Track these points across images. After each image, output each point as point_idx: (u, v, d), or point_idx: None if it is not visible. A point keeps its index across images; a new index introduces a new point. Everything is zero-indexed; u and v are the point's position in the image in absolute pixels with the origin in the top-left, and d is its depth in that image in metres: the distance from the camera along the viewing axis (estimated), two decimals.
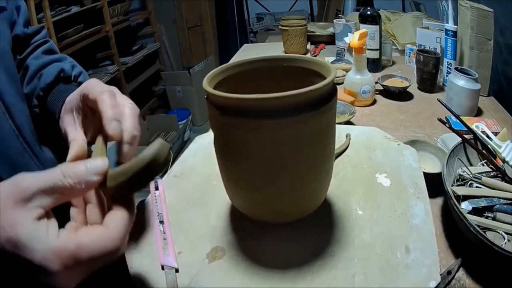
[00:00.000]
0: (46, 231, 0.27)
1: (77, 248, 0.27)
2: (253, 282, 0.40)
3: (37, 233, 0.27)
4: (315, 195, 0.45)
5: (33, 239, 0.26)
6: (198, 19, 3.27)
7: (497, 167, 0.60)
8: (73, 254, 0.27)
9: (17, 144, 0.45)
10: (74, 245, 0.27)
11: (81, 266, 0.28)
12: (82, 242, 0.28)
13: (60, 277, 0.27)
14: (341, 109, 0.91)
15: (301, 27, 1.45)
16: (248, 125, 0.37)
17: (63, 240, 0.27)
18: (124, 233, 0.30)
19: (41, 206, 0.28)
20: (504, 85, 1.09)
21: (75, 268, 0.27)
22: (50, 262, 0.26)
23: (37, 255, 0.26)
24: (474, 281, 0.47)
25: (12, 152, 0.44)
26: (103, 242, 0.28)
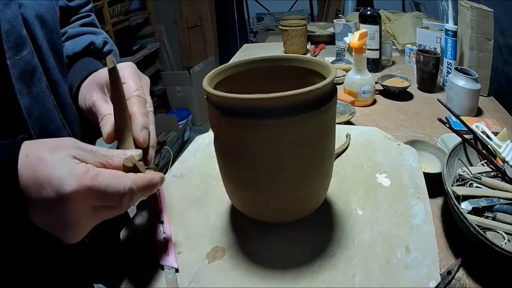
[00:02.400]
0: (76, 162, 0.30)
1: (97, 174, 0.30)
2: (253, 282, 0.40)
3: (68, 160, 0.30)
4: (315, 195, 0.45)
5: (63, 160, 0.30)
6: (198, 19, 3.27)
7: (497, 167, 0.60)
8: (92, 177, 0.30)
9: (57, 120, 0.46)
10: (95, 172, 0.30)
11: (95, 196, 0.30)
12: (103, 172, 0.31)
13: (76, 200, 0.29)
14: (341, 109, 0.91)
15: (301, 27, 1.45)
16: (248, 125, 0.37)
17: (88, 167, 0.30)
18: (143, 183, 0.33)
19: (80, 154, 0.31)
20: (504, 85, 1.09)
21: (91, 196, 0.30)
22: (71, 179, 0.29)
23: (60, 171, 0.29)
24: (474, 281, 0.47)
25: (52, 127, 0.45)
26: (121, 179, 0.31)
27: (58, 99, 0.46)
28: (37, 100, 0.42)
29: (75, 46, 0.52)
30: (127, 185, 0.31)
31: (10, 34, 0.38)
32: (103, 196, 0.31)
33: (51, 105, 0.44)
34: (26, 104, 0.40)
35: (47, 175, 0.28)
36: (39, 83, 0.42)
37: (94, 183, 0.30)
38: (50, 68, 0.45)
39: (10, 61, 0.38)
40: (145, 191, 0.34)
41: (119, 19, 2.65)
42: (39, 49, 0.43)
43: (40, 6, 0.44)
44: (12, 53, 0.39)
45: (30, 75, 0.41)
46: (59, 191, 0.28)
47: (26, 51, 0.40)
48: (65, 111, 0.47)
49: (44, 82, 0.43)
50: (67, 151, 0.30)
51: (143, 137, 0.39)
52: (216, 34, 3.37)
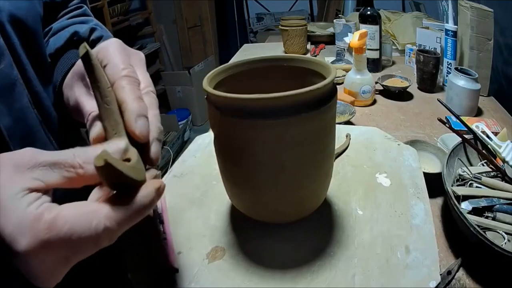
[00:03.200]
0: (29, 202, 0.23)
1: (55, 218, 0.23)
2: (253, 282, 0.40)
3: (19, 201, 0.23)
4: (315, 195, 0.45)
5: (14, 203, 0.23)
6: (198, 19, 3.27)
7: (497, 167, 0.60)
8: (49, 224, 0.22)
9: (43, 136, 0.40)
10: (53, 215, 0.23)
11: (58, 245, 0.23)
12: (64, 213, 0.23)
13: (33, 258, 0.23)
14: (341, 109, 0.91)
15: (301, 27, 1.45)
16: (248, 125, 0.37)
17: (43, 209, 0.23)
18: (122, 217, 0.24)
19: (40, 179, 0.24)
20: (504, 85, 1.09)
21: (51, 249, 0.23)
22: (21, 234, 0.22)
23: (9, 223, 0.22)
24: (474, 281, 0.47)
25: (38, 145, 0.38)
26: (89, 217, 0.23)
27: (42, 113, 0.40)
28: (19, 118, 0.37)
29: (57, 40, 0.45)
30: (99, 226, 0.23)
31: None
32: (68, 246, 0.23)
33: (35, 121, 0.39)
34: (7, 124, 0.35)
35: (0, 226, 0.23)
36: (20, 98, 0.37)
37: (51, 234, 0.22)
38: (31, 79, 0.39)
39: None
40: (132, 222, 0.25)
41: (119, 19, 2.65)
42: (18, 58, 0.37)
43: (18, 9, 0.38)
44: None
45: (10, 90, 0.36)
46: (11, 248, 0.22)
47: (4, 63, 0.35)
48: (50, 125, 0.42)
49: (26, 95, 0.38)
50: (21, 182, 0.24)
51: (139, 128, 0.29)
52: (216, 34, 3.37)
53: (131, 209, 0.24)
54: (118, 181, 0.24)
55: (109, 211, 0.24)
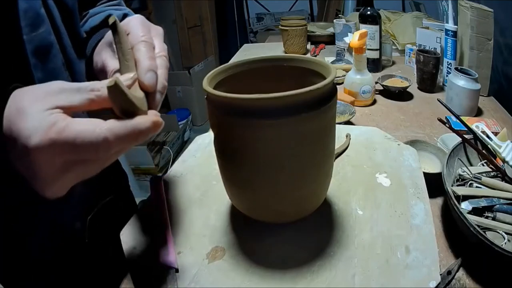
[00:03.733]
0: (50, 113, 0.28)
1: (66, 124, 0.27)
2: (253, 282, 0.40)
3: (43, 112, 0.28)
4: (315, 195, 0.45)
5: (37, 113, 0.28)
6: (198, 19, 3.26)
7: (497, 167, 0.60)
8: (59, 129, 0.27)
9: None
10: (65, 123, 0.28)
11: (61, 149, 0.28)
12: (74, 121, 0.28)
13: (40, 154, 0.27)
14: (341, 109, 0.91)
15: (301, 27, 1.45)
16: (248, 125, 0.37)
17: (59, 117, 0.28)
18: (122, 131, 0.28)
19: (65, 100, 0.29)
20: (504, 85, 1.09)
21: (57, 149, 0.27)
22: (36, 132, 0.27)
23: (29, 124, 0.27)
24: (474, 281, 0.47)
25: None
26: (94, 126, 0.28)
27: (73, 77, 0.47)
28: (52, 74, 0.43)
29: (93, 21, 0.52)
30: (100, 135, 0.27)
31: (27, 12, 0.40)
32: (72, 149, 0.28)
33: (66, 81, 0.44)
34: (40, 77, 0.41)
35: (18, 129, 0.28)
36: (54, 59, 0.44)
37: (60, 135, 0.27)
38: (66, 47, 0.46)
39: (26, 37, 0.40)
40: (128, 140, 0.29)
41: None
42: (57, 28, 0.44)
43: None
44: (29, 30, 0.40)
45: (46, 51, 0.42)
46: (25, 145, 0.27)
47: (43, 28, 0.42)
48: None
49: (60, 59, 0.45)
50: (48, 101, 0.29)
51: (147, 80, 0.34)
52: (216, 34, 3.36)
53: (128, 128, 0.29)
54: (124, 104, 0.29)
55: (110, 125, 0.28)
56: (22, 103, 0.29)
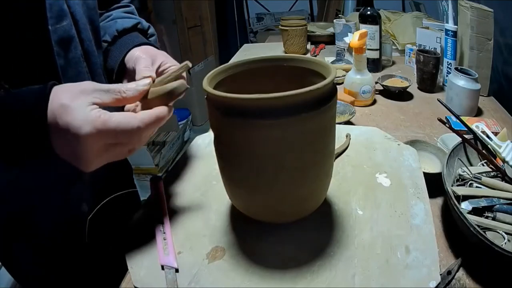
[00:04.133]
0: (92, 109, 0.35)
1: (109, 118, 0.35)
2: (253, 282, 0.40)
3: (85, 107, 0.35)
4: (315, 195, 0.45)
5: (80, 108, 0.35)
6: (198, 19, 3.26)
7: (497, 167, 0.60)
8: (104, 121, 0.35)
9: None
10: (108, 116, 0.35)
11: (106, 135, 0.35)
12: (114, 115, 0.36)
13: (89, 141, 0.35)
14: (341, 109, 0.91)
15: (301, 27, 1.45)
16: (248, 125, 0.37)
17: (101, 112, 0.36)
18: (150, 120, 0.38)
19: (99, 97, 0.37)
20: (504, 85, 1.09)
21: (102, 136, 0.35)
22: (85, 124, 0.34)
23: (76, 118, 0.34)
24: (474, 281, 0.47)
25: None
26: (130, 118, 0.36)
27: (90, 67, 0.53)
28: (72, 63, 0.49)
29: (125, 22, 0.59)
30: (135, 125, 0.36)
31: (53, 6, 0.46)
32: (114, 135, 0.36)
33: (84, 70, 0.51)
34: (62, 64, 0.47)
35: (66, 121, 0.34)
36: (74, 50, 0.49)
37: (104, 126, 0.35)
38: (85, 40, 0.51)
39: (51, 28, 0.45)
40: (154, 126, 0.38)
41: None
42: (77, 23, 0.50)
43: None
44: (54, 21, 0.46)
45: (68, 42, 0.48)
46: (76, 134, 0.34)
47: (66, 22, 0.47)
48: (95, 78, 0.54)
49: (79, 50, 0.50)
50: (86, 99, 0.36)
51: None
52: (216, 34, 3.36)
53: (153, 117, 0.38)
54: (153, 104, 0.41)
55: (141, 117, 0.37)
56: (64, 100, 0.35)
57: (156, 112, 0.39)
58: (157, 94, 0.41)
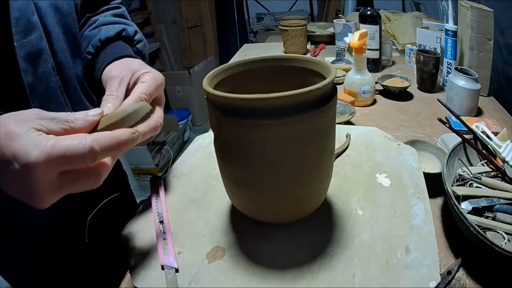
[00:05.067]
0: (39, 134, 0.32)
1: (57, 141, 0.31)
2: (253, 282, 0.40)
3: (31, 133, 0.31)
4: (315, 195, 0.45)
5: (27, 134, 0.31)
6: (198, 19, 3.26)
7: (497, 167, 0.60)
8: (52, 144, 0.31)
9: (60, 98, 0.49)
10: (55, 139, 0.31)
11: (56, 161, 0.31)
12: (63, 138, 0.32)
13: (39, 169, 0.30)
14: (341, 109, 0.91)
15: (301, 27, 1.45)
16: (248, 125, 0.37)
17: (48, 137, 0.31)
18: (105, 141, 0.32)
19: (44, 125, 0.32)
20: (504, 85, 1.09)
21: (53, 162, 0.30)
22: (33, 149, 0.30)
23: (24, 144, 0.30)
24: (474, 281, 0.47)
25: (53, 105, 0.48)
26: (80, 138, 0.32)
27: (63, 80, 0.49)
28: (41, 78, 0.46)
29: (108, 31, 0.55)
30: (86, 145, 0.31)
31: (19, 20, 0.42)
32: (64, 160, 0.31)
33: (55, 85, 0.48)
34: (29, 81, 0.44)
35: (12, 149, 0.30)
36: (44, 63, 0.46)
37: (54, 149, 0.30)
38: (58, 51, 0.48)
39: (17, 43, 0.42)
40: (111, 150, 0.33)
41: None
42: (49, 33, 0.47)
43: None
44: (20, 37, 0.43)
45: (36, 56, 0.45)
46: (23, 161, 0.30)
47: (35, 35, 0.44)
48: (69, 91, 0.51)
49: (51, 63, 0.47)
50: (31, 124, 0.32)
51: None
52: (216, 34, 3.37)
53: (110, 139, 0.33)
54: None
55: (94, 136, 0.32)
56: (9, 127, 0.31)
57: (115, 134, 0.33)
58: (112, 120, 0.36)
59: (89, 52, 0.54)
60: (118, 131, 0.34)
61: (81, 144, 0.31)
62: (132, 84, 0.45)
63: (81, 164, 0.32)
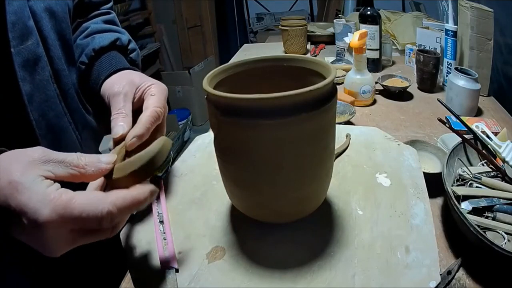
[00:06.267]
0: (48, 185, 0.29)
1: (71, 199, 0.29)
2: (253, 282, 0.40)
3: (39, 183, 0.29)
4: (315, 195, 0.45)
5: (34, 185, 0.28)
6: (198, 19, 3.26)
7: (497, 167, 0.60)
8: (66, 203, 0.28)
9: (58, 107, 0.47)
10: (69, 196, 0.29)
11: (70, 222, 0.29)
12: (77, 196, 0.29)
13: (50, 228, 0.28)
14: (341, 109, 0.91)
15: (301, 27, 1.45)
16: (248, 125, 0.37)
17: (62, 191, 0.29)
18: (124, 203, 0.30)
19: (51, 171, 0.30)
20: (504, 85, 1.09)
21: (66, 223, 0.29)
22: (43, 207, 0.28)
23: (32, 199, 0.28)
24: (474, 281, 0.47)
25: (52, 114, 0.46)
26: (97, 201, 0.29)
27: (60, 88, 0.47)
28: (39, 87, 0.44)
29: (102, 40, 0.53)
30: (104, 209, 0.29)
31: (16, 25, 0.40)
32: (79, 222, 0.29)
33: (53, 93, 0.46)
34: (27, 90, 0.42)
35: (19, 202, 0.28)
36: (42, 71, 0.44)
37: (67, 210, 0.28)
38: (55, 58, 0.47)
39: (14, 50, 0.40)
40: (129, 210, 0.31)
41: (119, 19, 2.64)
42: (45, 39, 0.45)
43: (50, 1, 0.47)
44: (17, 42, 0.41)
45: (34, 63, 0.43)
46: (33, 220, 0.28)
47: (31, 41, 0.42)
48: (67, 99, 0.49)
49: (48, 71, 0.45)
50: (37, 171, 0.30)
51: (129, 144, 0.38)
52: (216, 34, 3.37)
53: (128, 201, 0.31)
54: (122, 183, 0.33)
55: (113, 199, 0.30)
56: (13, 175, 0.29)
57: (133, 194, 0.31)
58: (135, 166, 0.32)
59: (82, 62, 0.53)
60: (136, 189, 0.32)
61: (98, 209, 0.29)
62: (137, 98, 0.45)
63: (96, 226, 0.30)
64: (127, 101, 0.43)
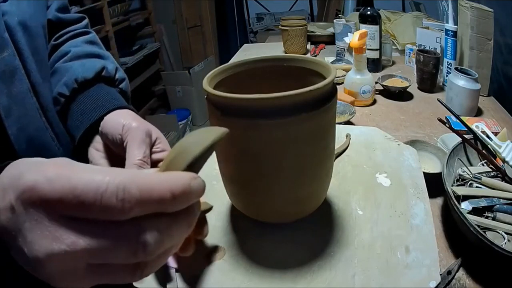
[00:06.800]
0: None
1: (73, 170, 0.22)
2: (253, 282, 0.40)
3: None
4: (315, 195, 0.45)
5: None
6: (198, 19, 3.27)
7: (497, 167, 0.60)
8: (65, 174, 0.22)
9: (39, 121, 0.45)
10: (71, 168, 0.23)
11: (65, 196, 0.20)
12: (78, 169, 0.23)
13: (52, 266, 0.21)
14: (341, 109, 0.91)
15: (301, 27, 1.45)
16: (248, 125, 0.37)
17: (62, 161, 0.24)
18: (143, 188, 0.22)
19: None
20: (504, 85, 1.09)
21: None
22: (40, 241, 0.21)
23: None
24: (474, 281, 0.47)
25: (32, 128, 0.44)
26: (99, 173, 0.22)
27: (40, 102, 0.45)
28: (17, 100, 0.42)
29: (85, 70, 0.48)
30: (105, 183, 0.22)
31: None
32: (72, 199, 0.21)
33: (33, 106, 0.44)
34: (4, 103, 0.40)
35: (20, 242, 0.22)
36: (20, 84, 0.43)
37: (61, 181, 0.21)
38: (31, 71, 0.45)
39: None
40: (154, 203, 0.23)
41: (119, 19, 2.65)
42: (21, 52, 0.44)
43: (24, 14, 0.46)
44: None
45: (10, 75, 0.42)
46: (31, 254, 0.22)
47: (7, 52, 0.41)
48: (47, 113, 0.46)
49: (26, 83, 0.44)
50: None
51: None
52: (216, 34, 3.37)
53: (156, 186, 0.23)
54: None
55: (129, 176, 0.23)
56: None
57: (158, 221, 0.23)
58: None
59: (62, 94, 0.47)
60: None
61: (97, 182, 0.21)
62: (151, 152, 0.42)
63: (97, 214, 0.21)
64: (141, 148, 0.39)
